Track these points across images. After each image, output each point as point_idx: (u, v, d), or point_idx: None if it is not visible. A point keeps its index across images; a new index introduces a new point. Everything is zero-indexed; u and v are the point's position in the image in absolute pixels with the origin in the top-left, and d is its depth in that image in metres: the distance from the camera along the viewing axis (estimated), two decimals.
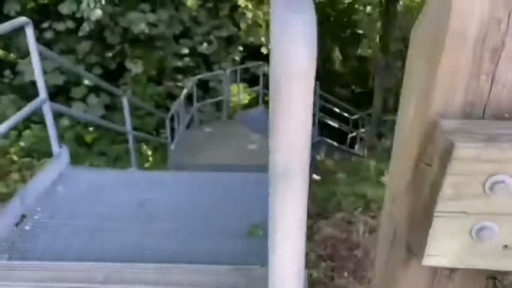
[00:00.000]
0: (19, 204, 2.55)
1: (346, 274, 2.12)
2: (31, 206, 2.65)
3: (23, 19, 2.58)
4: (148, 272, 1.98)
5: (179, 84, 8.39)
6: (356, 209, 2.60)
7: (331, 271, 2.17)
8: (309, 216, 2.53)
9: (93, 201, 2.80)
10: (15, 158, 4.25)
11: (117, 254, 2.28)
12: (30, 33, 2.64)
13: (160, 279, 1.95)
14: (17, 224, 2.50)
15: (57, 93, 6.84)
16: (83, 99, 7.43)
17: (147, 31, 7.26)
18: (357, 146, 9.73)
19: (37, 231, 2.49)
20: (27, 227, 2.51)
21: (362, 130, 9.58)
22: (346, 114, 9.18)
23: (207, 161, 6.29)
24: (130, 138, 4.47)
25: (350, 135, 9.28)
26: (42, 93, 2.84)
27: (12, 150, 4.33)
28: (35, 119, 6.50)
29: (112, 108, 7.86)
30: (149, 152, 7.46)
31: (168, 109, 8.16)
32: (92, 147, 7.12)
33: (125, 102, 4.19)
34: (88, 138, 7.07)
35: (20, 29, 2.58)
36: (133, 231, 2.49)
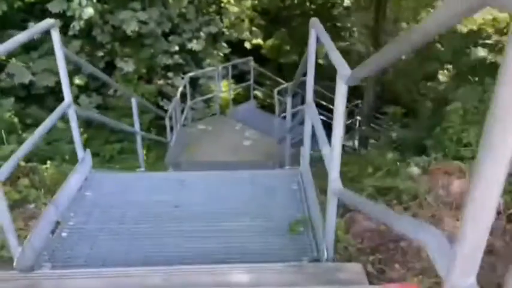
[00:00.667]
0: (54, 211, 2.50)
1: (397, 266, 2.18)
2: (64, 212, 2.61)
3: (50, 21, 2.50)
4: (207, 274, 1.99)
5: (169, 82, 8.31)
6: (390, 201, 2.67)
7: (378, 264, 2.22)
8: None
9: (124, 204, 2.77)
10: (22, 163, 4.15)
11: (163, 257, 2.27)
12: (56, 36, 2.56)
13: (220, 280, 1.96)
14: (52, 232, 2.45)
15: (49, 94, 6.68)
16: (75, 100, 7.25)
17: (136, 29, 7.16)
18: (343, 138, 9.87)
19: (74, 237, 2.45)
20: (64, 234, 2.46)
21: (347, 122, 9.73)
22: (331, 106, 9.29)
23: (204, 158, 6.28)
24: (138, 138, 4.42)
25: None
26: (67, 98, 2.77)
27: None
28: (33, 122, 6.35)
29: (103, 107, 7.74)
30: (144, 151, 7.37)
31: (159, 107, 8.07)
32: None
33: (134, 102, 4.14)
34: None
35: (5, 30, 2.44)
36: (173, 232, 2.48)
